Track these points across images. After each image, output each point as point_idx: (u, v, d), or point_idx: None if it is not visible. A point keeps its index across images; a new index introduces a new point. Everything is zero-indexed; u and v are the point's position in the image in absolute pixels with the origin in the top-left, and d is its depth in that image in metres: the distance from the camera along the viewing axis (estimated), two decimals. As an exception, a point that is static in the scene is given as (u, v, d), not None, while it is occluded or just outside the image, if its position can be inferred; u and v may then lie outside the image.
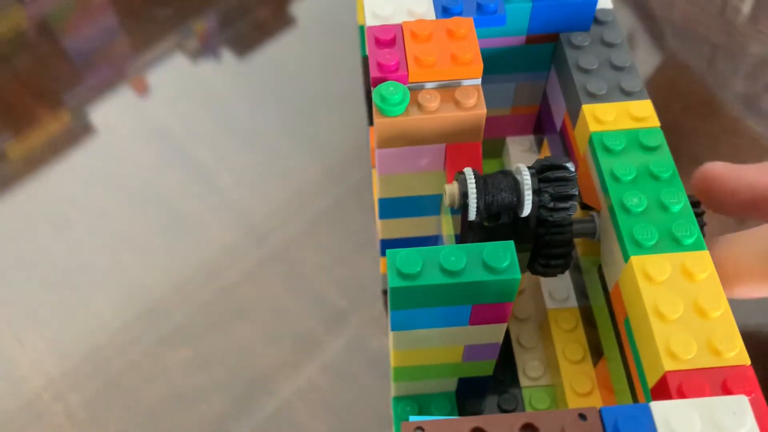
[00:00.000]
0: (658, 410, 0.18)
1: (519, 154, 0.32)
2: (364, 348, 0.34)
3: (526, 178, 0.22)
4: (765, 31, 0.46)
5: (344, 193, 0.40)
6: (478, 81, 0.24)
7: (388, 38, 0.24)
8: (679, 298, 0.21)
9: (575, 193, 0.22)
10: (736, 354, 0.20)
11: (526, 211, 0.22)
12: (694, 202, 0.24)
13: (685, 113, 0.42)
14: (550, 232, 0.23)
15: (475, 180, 0.22)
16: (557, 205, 0.22)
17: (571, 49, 0.27)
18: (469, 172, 0.22)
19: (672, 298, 0.21)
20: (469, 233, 0.23)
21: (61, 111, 0.45)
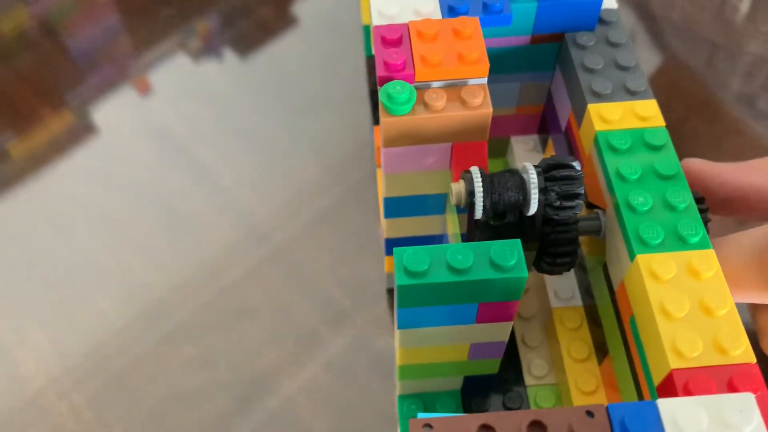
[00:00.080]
0: (665, 407, 0.18)
1: (523, 154, 0.32)
2: (368, 347, 0.34)
3: (532, 176, 0.22)
4: (763, 29, 0.46)
5: (346, 193, 0.40)
6: (485, 80, 0.24)
7: (395, 37, 0.24)
8: (685, 297, 0.21)
9: (581, 191, 0.22)
10: (741, 352, 0.20)
11: (533, 209, 0.22)
12: (698, 198, 0.24)
13: (687, 113, 0.42)
14: (556, 231, 0.23)
15: (481, 179, 0.22)
16: (563, 204, 0.22)
17: (577, 49, 0.27)
18: (475, 170, 0.22)
19: (678, 296, 0.21)
20: (476, 232, 0.23)
21: (64, 110, 0.45)
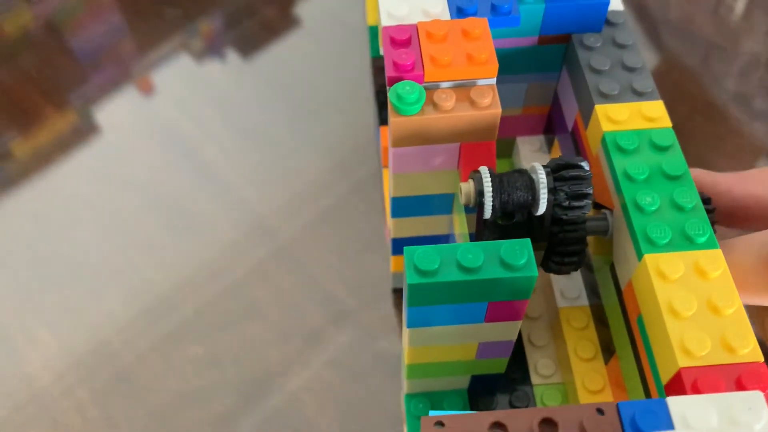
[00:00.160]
0: (675, 405, 0.18)
1: (529, 154, 0.32)
2: (373, 346, 0.35)
3: (541, 176, 0.22)
4: (758, 29, 0.46)
5: (351, 192, 0.40)
6: (493, 81, 0.24)
7: (404, 38, 0.24)
8: (693, 296, 0.21)
9: (590, 191, 0.22)
10: (749, 351, 0.20)
11: (542, 209, 0.22)
12: (705, 199, 0.24)
13: (690, 114, 0.43)
14: (564, 230, 0.24)
15: (491, 178, 0.22)
16: (573, 204, 0.22)
17: (584, 50, 0.27)
18: (485, 170, 0.22)
19: (686, 295, 0.21)
20: (485, 231, 0.23)
21: (68, 110, 0.45)
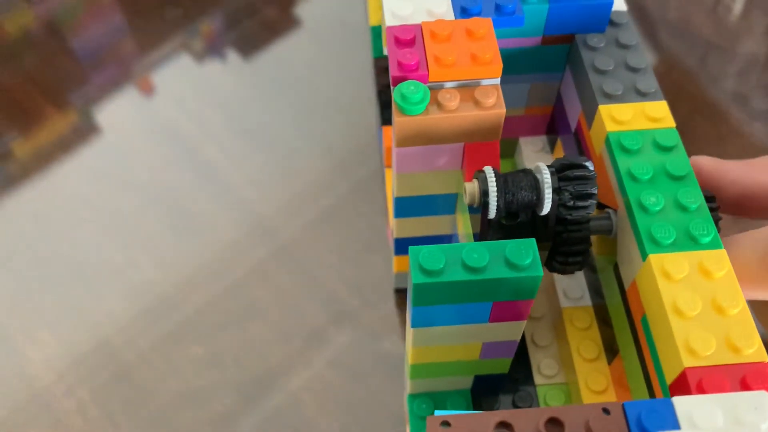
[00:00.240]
0: (681, 405, 0.18)
1: (532, 155, 0.32)
2: (375, 347, 0.35)
3: (546, 176, 0.22)
4: (756, 29, 0.46)
5: (352, 193, 0.40)
6: (497, 80, 0.24)
7: (408, 38, 0.24)
8: (698, 296, 0.21)
9: (595, 191, 0.22)
10: (754, 351, 0.20)
11: (546, 209, 0.22)
12: (709, 197, 0.24)
13: (690, 114, 0.43)
14: (568, 230, 0.24)
15: (495, 178, 0.22)
16: (577, 204, 0.22)
17: (587, 51, 0.27)
18: (489, 170, 0.22)
19: (690, 295, 0.21)
20: (489, 231, 0.23)
21: (69, 110, 0.45)
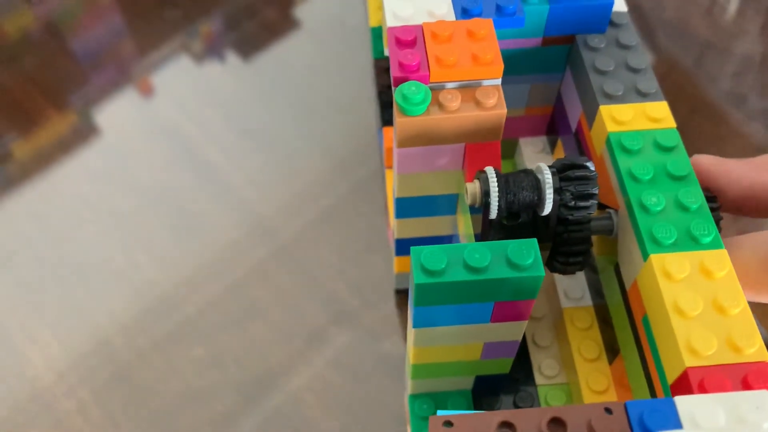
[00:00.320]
0: (683, 404, 0.18)
1: (532, 155, 0.32)
2: (376, 347, 0.35)
3: (547, 177, 0.22)
4: (751, 29, 0.46)
5: (353, 193, 0.40)
6: (498, 81, 0.24)
7: (409, 39, 0.24)
8: (699, 296, 0.21)
9: (596, 191, 0.22)
10: (755, 350, 0.20)
11: (547, 209, 0.22)
12: (710, 197, 0.24)
13: (689, 114, 0.43)
14: (569, 230, 0.24)
15: (497, 179, 0.22)
16: (578, 204, 0.22)
17: (588, 51, 0.27)
18: (491, 170, 0.23)
19: (691, 295, 0.21)
20: (490, 232, 0.23)
21: (68, 111, 0.45)
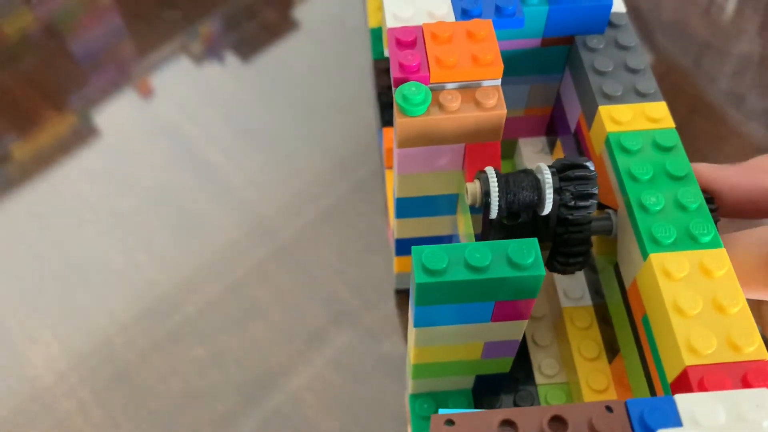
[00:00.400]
0: (683, 402, 0.18)
1: (531, 156, 0.32)
2: (376, 347, 0.35)
3: (547, 176, 0.22)
4: (749, 28, 0.46)
5: (353, 193, 0.40)
6: (498, 82, 0.24)
7: (410, 39, 0.25)
8: (698, 295, 0.21)
9: (596, 191, 0.23)
10: (755, 349, 0.20)
11: (547, 209, 0.23)
12: (708, 198, 0.24)
13: (688, 115, 0.43)
14: (569, 231, 0.24)
15: (497, 179, 0.22)
16: (578, 204, 0.23)
17: (587, 52, 0.27)
18: (491, 170, 0.23)
19: (691, 294, 0.21)
20: (491, 231, 0.23)
21: (68, 112, 0.45)
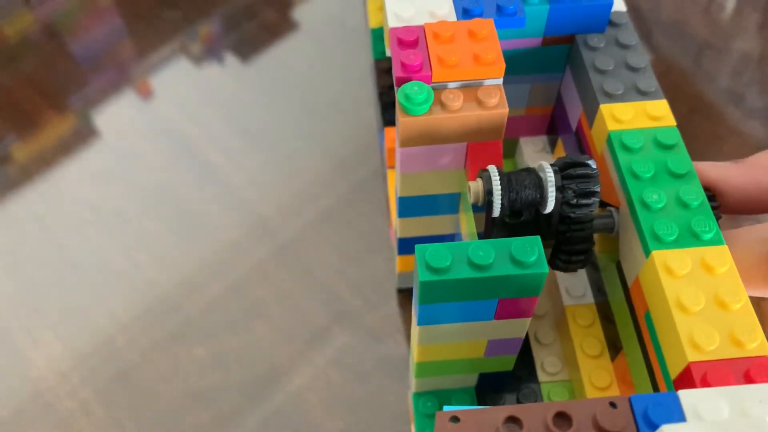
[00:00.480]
0: (687, 398, 0.18)
1: (532, 155, 0.32)
2: (378, 346, 0.35)
3: (549, 175, 0.22)
4: (748, 27, 0.46)
5: (353, 193, 0.40)
6: (500, 81, 0.24)
7: (411, 39, 0.25)
8: (701, 291, 0.21)
9: (598, 189, 0.23)
10: (757, 345, 0.20)
11: (549, 207, 0.23)
12: (710, 195, 0.24)
13: (688, 114, 0.43)
14: (572, 229, 0.24)
15: (499, 177, 0.22)
16: (580, 202, 0.23)
17: (588, 51, 0.27)
18: (493, 169, 0.23)
19: (693, 291, 0.21)
20: (493, 230, 0.24)
21: (68, 113, 0.45)
